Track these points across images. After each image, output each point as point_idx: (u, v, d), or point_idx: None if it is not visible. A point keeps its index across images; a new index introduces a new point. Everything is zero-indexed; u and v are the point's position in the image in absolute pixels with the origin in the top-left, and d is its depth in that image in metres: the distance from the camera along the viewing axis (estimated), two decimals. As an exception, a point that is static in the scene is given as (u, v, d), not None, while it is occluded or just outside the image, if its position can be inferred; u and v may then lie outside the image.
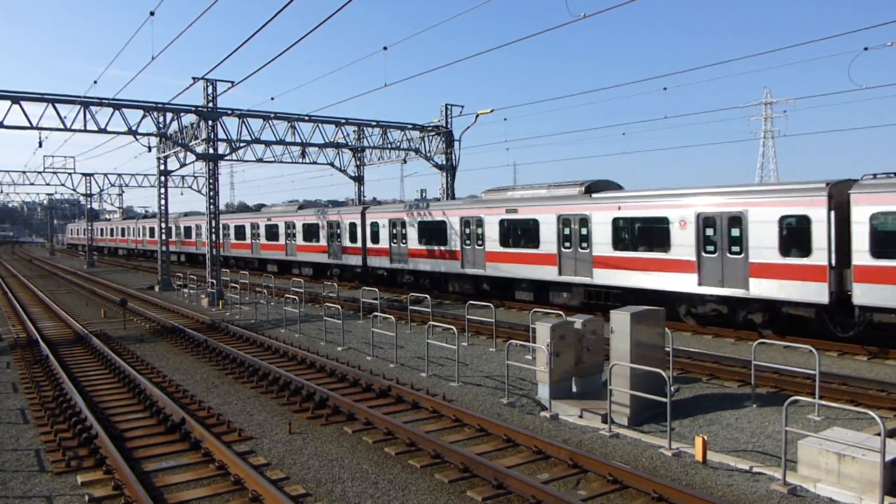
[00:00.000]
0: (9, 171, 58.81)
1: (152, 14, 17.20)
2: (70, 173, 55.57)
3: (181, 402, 13.10)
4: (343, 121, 33.91)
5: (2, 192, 73.50)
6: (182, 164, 36.09)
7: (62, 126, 26.70)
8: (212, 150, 29.69)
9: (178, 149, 33.18)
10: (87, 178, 59.76)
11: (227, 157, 31.74)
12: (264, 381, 14.61)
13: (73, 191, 61.81)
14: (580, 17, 14.93)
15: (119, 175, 62.93)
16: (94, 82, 26.90)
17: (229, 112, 30.29)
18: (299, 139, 32.55)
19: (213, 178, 30.36)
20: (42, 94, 26.18)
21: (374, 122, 35.01)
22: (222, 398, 13.66)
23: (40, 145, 32.43)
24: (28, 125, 26.20)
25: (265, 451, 10.33)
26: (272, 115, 31.34)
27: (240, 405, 13.08)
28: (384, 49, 20.54)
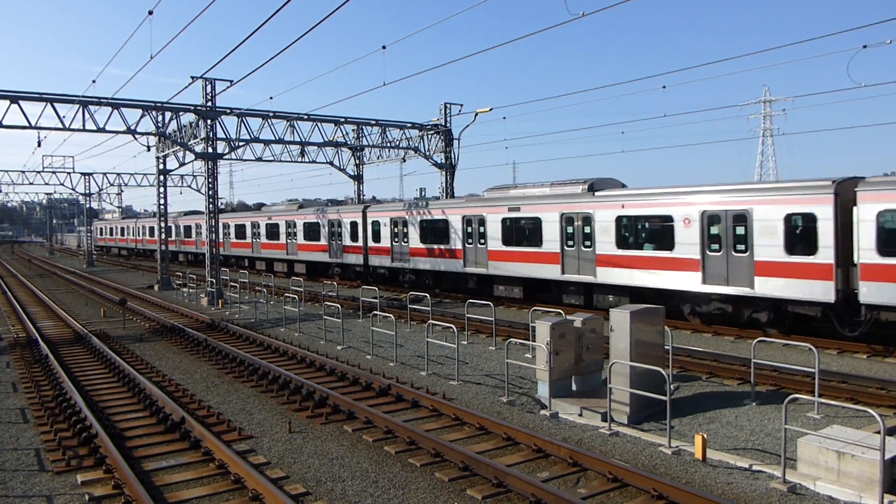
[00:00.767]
0: (8, 171, 58.81)
1: (151, 13, 17.16)
2: (69, 173, 55.54)
3: (181, 402, 13.11)
4: (342, 120, 33.90)
5: (1, 191, 73.42)
6: (181, 164, 36.03)
7: (61, 125, 26.68)
8: (211, 150, 29.68)
9: (177, 148, 33.14)
10: (87, 177, 59.73)
11: (227, 157, 31.72)
12: (264, 380, 14.61)
13: (73, 190, 61.75)
14: (579, 15, 14.91)
15: (118, 174, 62.92)
16: (93, 81, 26.90)
17: (228, 111, 30.27)
18: (298, 138, 32.55)
19: (213, 178, 30.35)
20: (41, 93, 26.17)
21: (373, 121, 35.01)
22: (222, 397, 13.66)
23: (39, 145, 32.34)
24: (27, 125, 26.18)
25: (265, 450, 10.33)
26: (271, 114, 31.33)
27: (239, 404, 13.08)
28: (383, 48, 20.49)
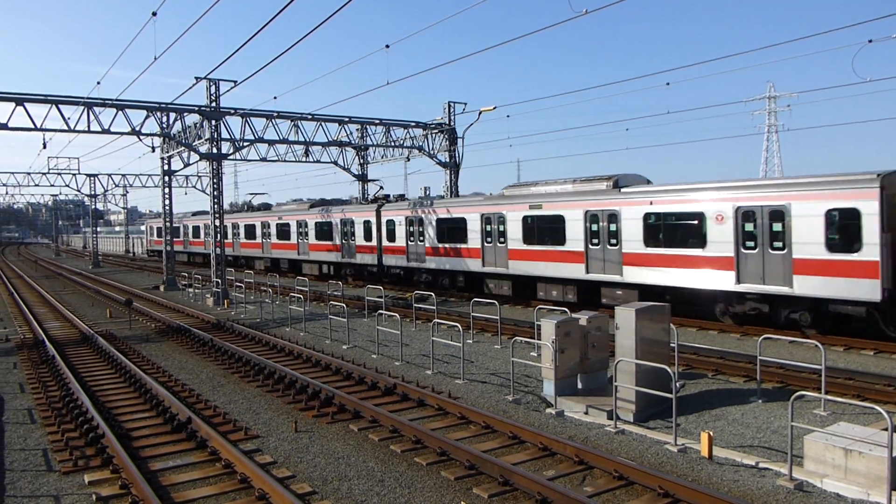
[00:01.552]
0: (13, 173, 59.02)
1: (154, 14, 17.21)
2: (74, 174, 55.84)
3: (187, 402, 13.15)
4: (346, 119, 33.92)
5: (7, 193, 73.70)
6: (186, 164, 36.13)
7: (66, 127, 26.77)
8: (215, 150, 29.74)
9: (182, 149, 33.23)
10: (92, 178, 59.96)
11: (231, 157, 31.79)
12: (270, 380, 14.64)
13: (78, 191, 61.98)
14: (582, 12, 14.88)
15: (123, 175, 63.17)
16: (98, 83, 26.97)
17: (232, 111, 30.33)
18: (302, 138, 32.58)
19: (217, 178, 30.41)
20: (46, 95, 26.27)
21: (377, 120, 35.02)
22: (228, 397, 13.69)
23: (44, 146, 32.35)
24: (32, 126, 26.27)
25: (271, 450, 10.35)
26: (275, 114, 31.37)
27: (245, 404, 13.11)
28: (386, 47, 20.51)
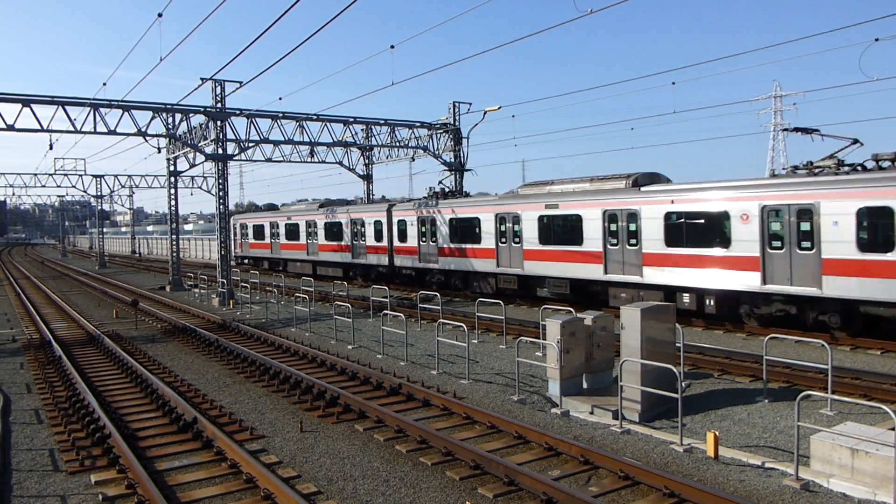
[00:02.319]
0: (20, 174, 59.37)
1: (160, 16, 17.27)
2: (81, 175, 56.06)
3: (193, 402, 13.18)
4: (351, 119, 33.96)
5: (13, 194, 74.12)
6: (191, 165, 36.31)
7: (72, 128, 26.88)
8: (221, 151, 29.81)
9: (188, 149, 33.34)
10: (98, 179, 60.25)
11: (236, 158, 31.87)
12: (275, 380, 14.67)
13: (84, 192, 62.29)
14: (587, 12, 14.86)
15: (129, 176, 63.48)
16: (104, 84, 27.10)
17: (238, 112, 30.40)
18: (308, 138, 32.64)
19: (223, 179, 30.47)
20: (52, 96, 26.38)
21: (382, 121, 35.05)
22: (234, 397, 13.73)
23: (51, 147, 32.60)
24: (39, 128, 26.41)
25: (277, 450, 10.37)
26: (280, 114, 31.43)
27: (251, 404, 13.14)
28: (391, 48, 20.53)
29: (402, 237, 31.78)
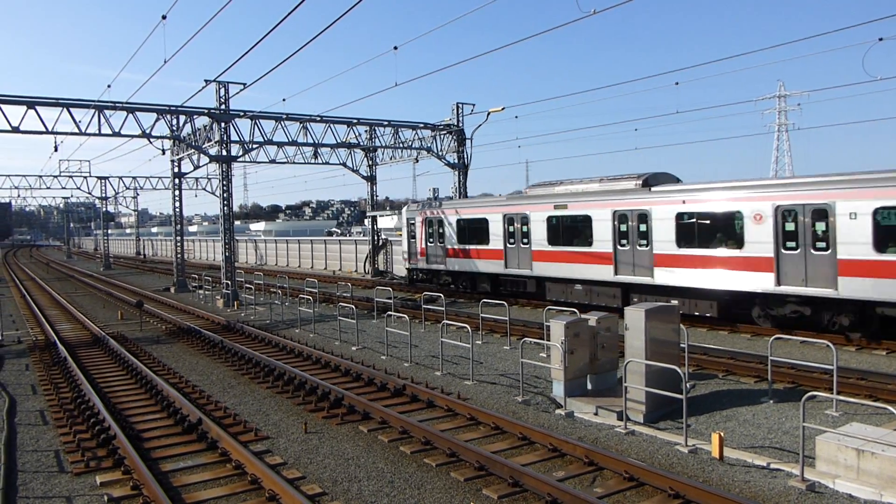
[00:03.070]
0: (25, 176, 59.59)
1: (164, 18, 17.32)
2: (85, 177, 56.25)
3: (198, 403, 13.21)
4: (355, 121, 34.00)
5: (19, 196, 74.34)
6: (196, 167, 36.43)
7: (77, 130, 26.96)
8: (225, 152, 29.87)
9: (192, 151, 33.42)
10: (102, 181, 60.42)
11: (240, 159, 31.92)
12: (280, 381, 14.68)
13: (89, 194, 62.50)
14: (591, 12, 14.86)
15: (134, 178, 63.62)
16: (108, 86, 27.42)
17: (242, 114, 30.46)
18: (311, 140, 32.66)
19: (227, 180, 30.54)
20: (57, 98, 26.47)
21: (385, 122, 35.08)
22: (238, 398, 13.75)
23: (56, 149, 32.60)
24: (44, 130, 26.48)
25: (281, 451, 10.38)
26: (284, 116, 31.48)
27: (256, 405, 13.16)
28: (395, 49, 20.55)
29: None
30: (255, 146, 31.63)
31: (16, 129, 25.99)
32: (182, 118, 29.71)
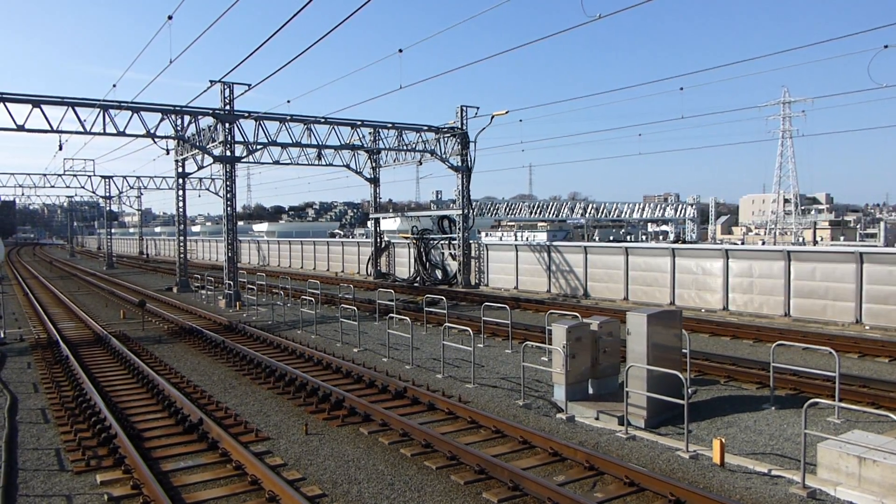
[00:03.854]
0: (30, 174, 59.94)
1: (170, 18, 17.38)
2: (90, 176, 56.42)
3: (199, 403, 13.21)
4: (359, 123, 34.05)
5: (23, 194, 74.54)
6: (200, 167, 36.50)
7: (82, 129, 27.05)
8: (229, 153, 29.92)
9: (196, 151, 33.48)
10: (107, 180, 60.55)
11: (244, 160, 31.98)
12: (281, 382, 14.68)
13: (93, 193, 62.62)
14: (596, 17, 14.88)
15: (138, 178, 63.81)
16: (113, 86, 27.26)
17: (246, 115, 30.52)
18: (315, 141, 32.71)
19: (230, 181, 30.59)
20: (62, 97, 26.56)
21: (389, 124, 35.12)
22: (239, 399, 13.75)
23: (60, 148, 32.70)
24: (48, 128, 26.57)
25: (282, 452, 10.38)
26: (288, 117, 31.53)
27: (257, 406, 13.16)
28: (399, 52, 20.60)
29: None
30: (259, 147, 31.69)
31: (21, 128, 26.09)
32: (187, 118, 29.78)
